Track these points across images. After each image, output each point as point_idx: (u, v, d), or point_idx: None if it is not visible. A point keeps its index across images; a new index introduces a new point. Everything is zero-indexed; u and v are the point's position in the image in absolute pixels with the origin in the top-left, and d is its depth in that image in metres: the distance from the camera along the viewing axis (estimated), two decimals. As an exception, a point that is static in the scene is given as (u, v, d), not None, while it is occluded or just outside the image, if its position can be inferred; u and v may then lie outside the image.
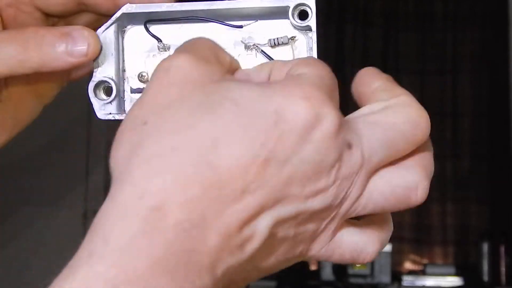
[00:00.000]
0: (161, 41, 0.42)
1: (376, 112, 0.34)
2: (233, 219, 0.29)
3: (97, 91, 0.42)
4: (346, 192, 0.32)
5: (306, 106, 0.30)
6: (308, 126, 0.30)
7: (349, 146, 0.32)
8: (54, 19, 0.45)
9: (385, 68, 3.41)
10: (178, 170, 0.29)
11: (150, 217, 0.28)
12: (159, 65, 0.32)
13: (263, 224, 0.30)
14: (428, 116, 0.35)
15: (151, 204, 0.28)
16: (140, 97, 0.32)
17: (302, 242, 0.33)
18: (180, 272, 0.27)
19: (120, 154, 0.30)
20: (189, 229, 0.28)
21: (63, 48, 0.40)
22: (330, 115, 0.31)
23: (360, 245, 0.35)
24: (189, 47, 0.34)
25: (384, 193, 0.34)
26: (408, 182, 0.34)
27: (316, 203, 0.31)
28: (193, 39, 0.35)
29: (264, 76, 0.36)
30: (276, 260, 0.32)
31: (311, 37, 0.41)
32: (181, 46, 0.34)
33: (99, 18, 0.46)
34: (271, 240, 0.31)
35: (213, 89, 0.30)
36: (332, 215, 0.33)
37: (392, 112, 0.34)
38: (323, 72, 0.33)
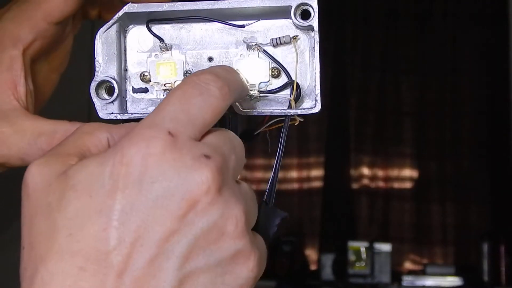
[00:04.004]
0: (163, 40, 0.42)
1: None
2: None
3: (99, 91, 0.42)
4: None
5: (143, 153, 0.32)
6: (142, 173, 0.32)
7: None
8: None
9: (385, 68, 3.39)
10: (59, 272, 0.31)
11: None
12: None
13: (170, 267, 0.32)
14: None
15: None
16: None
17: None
18: None
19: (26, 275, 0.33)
20: None
21: None
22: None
23: None
24: (50, 149, 0.36)
25: None
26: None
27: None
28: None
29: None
30: None
31: (313, 37, 0.41)
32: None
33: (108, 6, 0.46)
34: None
35: (57, 185, 0.33)
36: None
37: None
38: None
